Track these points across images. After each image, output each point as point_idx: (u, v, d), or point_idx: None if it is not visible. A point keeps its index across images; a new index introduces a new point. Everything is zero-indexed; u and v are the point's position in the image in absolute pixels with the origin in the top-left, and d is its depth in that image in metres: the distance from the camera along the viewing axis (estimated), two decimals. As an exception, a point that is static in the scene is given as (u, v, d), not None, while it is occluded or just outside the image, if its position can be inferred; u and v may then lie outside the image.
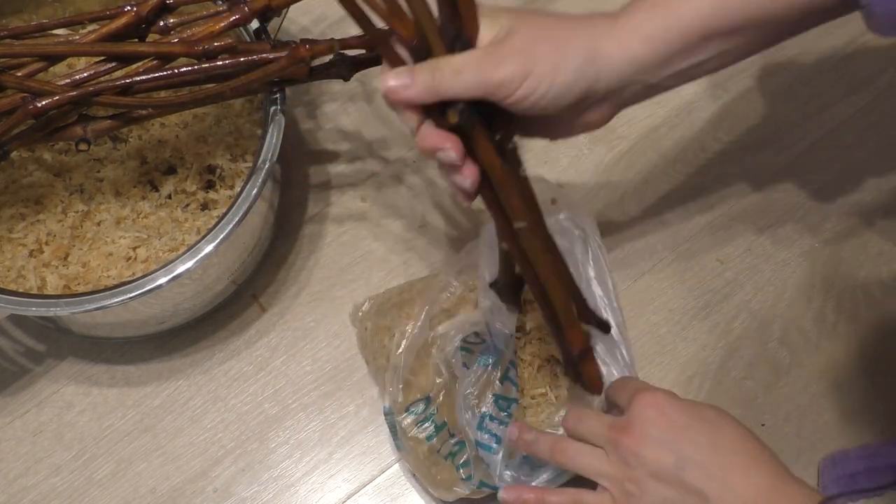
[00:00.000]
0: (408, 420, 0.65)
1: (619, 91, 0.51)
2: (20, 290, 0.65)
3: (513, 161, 0.52)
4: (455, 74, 0.47)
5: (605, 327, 0.62)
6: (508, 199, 0.52)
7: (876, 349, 0.74)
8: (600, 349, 0.63)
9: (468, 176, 0.50)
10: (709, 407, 0.53)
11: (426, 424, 0.65)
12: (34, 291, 0.67)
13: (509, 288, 0.64)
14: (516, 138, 0.52)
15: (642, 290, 0.76)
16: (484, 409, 0.61)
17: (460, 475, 0.63)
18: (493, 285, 0.65)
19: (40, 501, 0.69)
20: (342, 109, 0.83)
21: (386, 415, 0.66)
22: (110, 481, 0.70)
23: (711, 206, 0.79)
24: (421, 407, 0.65)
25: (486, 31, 0.49)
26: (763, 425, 0.71)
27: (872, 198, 0.79)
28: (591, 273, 0.68)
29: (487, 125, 0.50)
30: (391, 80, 0.48)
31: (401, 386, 0.65)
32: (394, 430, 0.66)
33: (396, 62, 0.50)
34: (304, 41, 0.61)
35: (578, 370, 0.60)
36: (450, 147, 0.49)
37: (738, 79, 0.83)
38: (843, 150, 0.81)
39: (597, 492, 0.53)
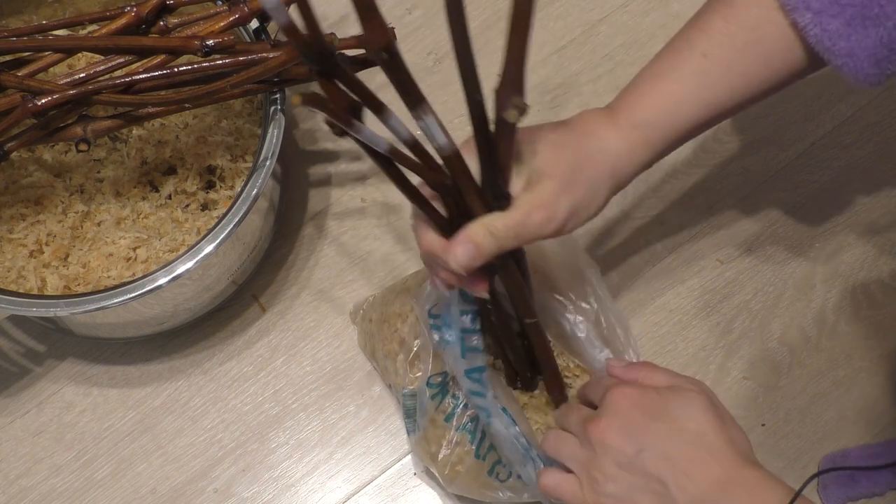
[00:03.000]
0: (428, 394, 0.63)
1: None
2: (20, 291, 0.66)
3: (524, 271, 0.57)
4: (516, 236, 0.50)
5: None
6: (523, 300, 0.57)
7: (876, 349, 0.74)
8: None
9: (483, 290, 0.54)
10: (680, 398, 0.55)
11: (447, 398, 0.64)
12: (34, 292, 0.67)
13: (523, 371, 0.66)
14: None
15: (642, 290, 0.76)
16: (466, 387, 0.60)
17: (495, 481, 0.63)
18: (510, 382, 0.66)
19: (41, 502, 0.69)
20: (342, 109, 0.83)
21: (405, 396, 0.64)
22: (110, 482, 0.70)
23: (711, 205, 0.79)
24: (439, 380, 0.64)
25: (516, 178, 0.51)
26: (763, 425, 0.71)
27: (872, 198, 0.79)
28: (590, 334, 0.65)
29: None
30: (462, 256, 0.50)
31: (430, 358, 0.63)
32: (410, 412, 0.64)
33: (431, 211, 0.51)
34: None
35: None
36: (483, 290, 0.54)
37: (738, 79, 0.83)
38: (843, 150, 0.81)
39: (569, 475, 0.56)
